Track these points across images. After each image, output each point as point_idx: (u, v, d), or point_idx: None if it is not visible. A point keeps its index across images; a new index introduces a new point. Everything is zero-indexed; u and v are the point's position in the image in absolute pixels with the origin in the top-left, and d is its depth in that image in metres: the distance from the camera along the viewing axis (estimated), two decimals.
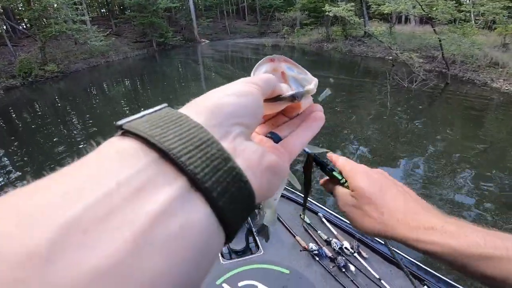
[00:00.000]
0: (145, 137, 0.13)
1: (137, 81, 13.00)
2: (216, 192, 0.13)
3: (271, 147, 0.22)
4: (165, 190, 0.12)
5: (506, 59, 9.81)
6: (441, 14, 9.73)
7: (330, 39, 19.29)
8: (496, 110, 7.48)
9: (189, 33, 26.39)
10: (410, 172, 4.41)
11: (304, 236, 1.76)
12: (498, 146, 5.42)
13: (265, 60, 0.32)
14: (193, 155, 0.13)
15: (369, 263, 1.54)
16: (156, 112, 0.16)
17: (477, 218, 3.40)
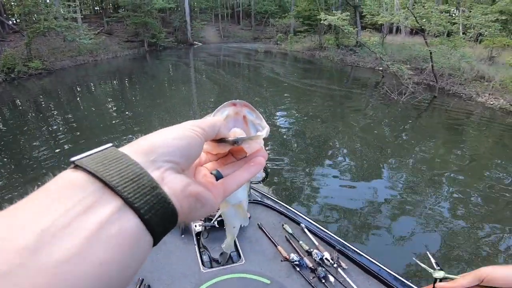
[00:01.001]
0: (92, 172, 0.19)
1: (125, 81, 12.84)
2: (143, 210, 0.19)
3: (207, 182, 0.28)
4: (107, 207, 0.18)
5: (492, 73, 10.24)
6: (434, 26, 10.11)
7: (323, 47, 19.69)
8: (480, 125, 7.80)
9: (182, 35, 26.35)
10: (394, 182, 4.53)
11: (286, 246, 1.78)
12: (478, 161, 5.64)
13: (228, 104, 0.35)
14: (128, 185, 0.19)
15: (348, 274, 1.57)
16: (103, 151, 0.22)
17: (455, 227, 3.52)
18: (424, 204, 3.98)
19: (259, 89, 10.27)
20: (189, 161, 0.25)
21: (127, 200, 0.19)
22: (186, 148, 0.25)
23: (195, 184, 0.25)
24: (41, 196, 0.18)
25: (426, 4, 9.93)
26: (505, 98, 8.93)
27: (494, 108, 8.74)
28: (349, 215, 3.69)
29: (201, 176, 0.29)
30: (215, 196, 0.28)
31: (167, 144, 0.24)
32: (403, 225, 3.56)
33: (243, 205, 0.40)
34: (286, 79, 12.09)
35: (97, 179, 0.19)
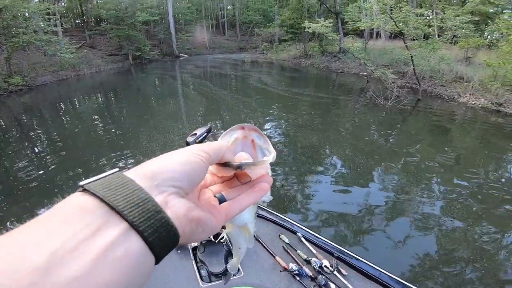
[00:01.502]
0: (100, 197, 0.21)
1: (110, 96, 12.65)
2: (147, 233, 0.21)
3: (210, 206, 0.30)
4: (113, 230, 0.20)
5: (470, 73, 10.72)
6: (412, 30, 10.53)
7: (308, 55, 20.15)
8: (464, 125, 8.10)
9: (167, 47, 26.40)
10: (386, 186, 4.61)
11: (284, 256, 1.78)
12: (465, 160, 5.85)
13: (236, 128, 0.36)
14: (133, 209, 0.21)
15: (349, 280, 1.57)
16: (110, 176, 0.23)
17: (445, 223, 3.60)
18: (417, 205, 4.06)
19: (247, 100, 10.30)
20: (192, 186, 0.27)
21: (133, 224, 0.20)
22: (190, 174, 0.26)
23: (197, 208, 0.26)
24: (51, 218, 0.19)
25: (404, 8, 10.34)
26: (485, 98, 9.34)
27: (476, 108, 9.11)
28: (345, 221, 3.72)
29: (205, 199, 0.31)
30: (217, 219, 0.29)
31: (171, 169, 0.25)
32: (398, 227, 3.61)
33: (248, 227, 0.41)
34: (274, 89, 12.21)
35: (104, 204, 0.21)
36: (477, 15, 12.74)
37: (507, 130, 7.47)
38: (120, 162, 5.53)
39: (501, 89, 9.20)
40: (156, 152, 5.40)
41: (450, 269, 2.97)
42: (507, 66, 9.18)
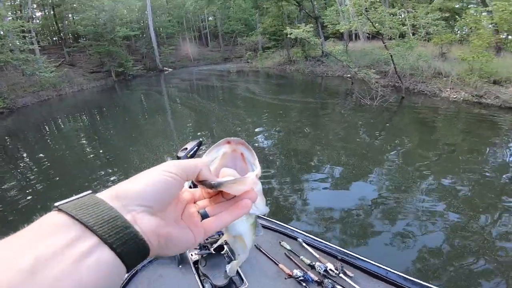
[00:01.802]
0: (73, 215, 0.24)
1: (96, 115, 12.40)
2: (115, 245, 0.24)
3: (190, 222, 0.33)
4: (86, 242, 0.23)
5: (447, 68, 11.14)
6: (389, 29, 10.91)
7: (292, 61, 20.50)
8: (449, 118, 8.37)
9: (150, 62, 26.30)
10: (380, 184, 4.68)
11: (287, 263, 1.76)
12: (455, 152, 6.04)
13: (222, 142, 0.37)
14: (103, 225, 0.24)
15: (356, 281, 1.57)
16: (83, 198, 0.27)
17: (444, 217, 3.66)
18: (414, 201, 4.11)
19: (236, 111, 10.29)
20: (162, 203, 0.30)
21: (102, 237, 0.24)
22: (157, 193, 0.29)
23: (167, 225, 0.30)
24: (30, 233, 0.23)
25: (379, 9, 10.70)
26: (465, 91, 9.71)
27: (458, 101, 9.45)
28: (345, 223, 3.73)
29: (188, 214, 0.34)
30: (195, 234, 0.33)
31: (138, 190, 0.28)
32: (399, 224, 3.64)
33: (243, 237, 0.42)
34: (262, 97, 12.29)
35: (77, 221, 0.24)
36: (446, 11, 13.33)
37: (491, 120, 7.77)
38: (110, 182, 5.40)
39: (479, 81, 9.59)
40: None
41: (455, 262, 3.00)
42: (481, 59, 9.62)
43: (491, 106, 8.71)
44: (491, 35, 10.21)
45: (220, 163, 0.38)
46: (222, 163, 0.38)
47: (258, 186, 0.36)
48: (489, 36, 10.01)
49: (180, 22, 30.76)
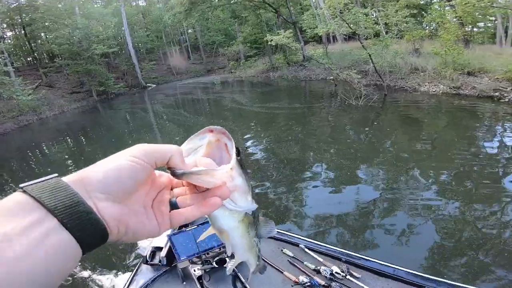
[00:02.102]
0: (36, 198, 0.25)
1: (81, 138, 12.10)
2: (75, 229, 0.25)
3: (157, 210, 0.33)
4: (47, 224, 0.24)
5: (423, 64, 11.58)
6: (364, 29, 11.27)
7: (275, 68, 20.79)
8: (430, 111, 8.68)
9: (132, 79, 25.97)
10: (375, 182, 4.77)
11: (292, 270, 1.76)
12: (438, 141, 6.25)
13: (205, 130, 0.36)
14: (65, 210, 0.25)
15: (364, 282, 1.57)
16: (48, 180, 0.27)
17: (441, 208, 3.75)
18: (409, 194, 4.20)
19: (225, 123, 10.23)
20: (126, 191, 0.30)
21: (62, 221, 0.25)
22: (120, 181, 0.29)
23: (129, 214, 0.30)
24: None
25: (352, 10, 11.08)
26: (443, 84, 10.11)
27: (438, 94, 9.82)
28: (344, 224, 3.76)
29: (159, 201, 0.34)
30: (160, 225, 0.32)
31: (102, 177, 0.29)
32: (398, 220, 3.68)
33: (229, 234, 0.39)
34: (249, 107, 12.34)
35: (40, 204, 0.25)
36: (413, 8, 13.90)
37: (471, 110, 8.10)
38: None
39: (454, 74, 10.02)
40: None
41: (459, 252, 3.03)
42: (453, 52, 10.08)
43: (469, 97, 9.08)
44: (457, 28, 10.73)
45: (205, 153, 0.36)
46: (208, 153, 0.36)
47: (237, 181, 0.34)
48: (456, 30, 10.52)
49: (159, 37, 30.67)
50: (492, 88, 8.83)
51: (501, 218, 3.50)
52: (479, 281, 2.66)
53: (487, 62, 9.95)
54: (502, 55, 10.65)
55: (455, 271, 2.84)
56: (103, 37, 22.01)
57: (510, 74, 8.78)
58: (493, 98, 8.51)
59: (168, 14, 22.75)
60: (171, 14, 21.75)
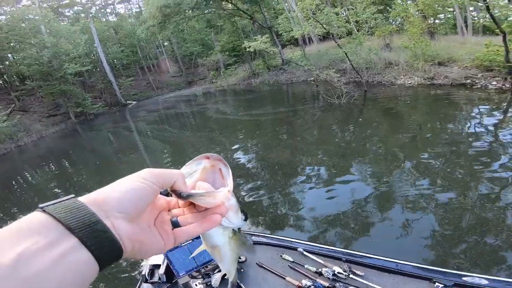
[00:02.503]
0: (57, 218, 0.26)
1: (64, 163, 11.69)
2: (94, 247, 0.27)
3: (161, 229, 0.35)
4: (67, 243, 0.26)
5: (395, 58, 12.08)
6: (337, 28, 11.61)
7: (256, 74, 20.99)
8: (409, 102, 9.04)
9: (111, 97, 25.42)
10: (363, 177, 4.89)
11: (294, 275, 1.76)
12: (421, 131, 6.50)
13: (202, 157, 0.40)
14: (84, 229, 0.27)
15: (368, 279, 1.58)
16: (66, 201, 0.29)
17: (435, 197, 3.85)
18: (402, 186, 4.30)
19: (211, 135, 10.19)
20: (138, 209, 0.32)
21: (82, 240, 0.26)
22: (134, 201, 0.32)
23: (142, 232, 0.32)
24: (16, 228, 0.25)
25: (325, 10, 11.40)
26: (417, 76, 10.55)
27: (414, 86, 10.24)
28: (341, 223, 3.80)
29: (161, 221, 0.36)
30: (165, 242, 0.35)
31: (117, 197, 0.31)
32: (394, 214, 3.74)
33: (220, 249, 0.44)
34: (234, 116, 12.35)
35: (59, 223, 0.26)
36: (379, 4, 14.44)
37: (447, 98, 8.49)
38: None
39: (426, 65, 10.49)
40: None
41: (460, 240, 3.08)
42: (420, 44, 10.56)
43: (443, 86, 9.52)
44: (421, 21, 11.28)
45: (200, 177, 0.40)
46: (202, 177, 0.40)
47: (232, 201, 0.38)
48: (420, 23, 11.06)
49: (134, 51, 30.29)
50: (463, 76, 9.30)
51: (496, 200, 3.58)
52: (485, 266, 2.69)
53: (454, 52, 10.52)
54: (466, 44, 11.28)
55: (459, 259, 2.86)
56: (74, 55, 21.33)
57: (477, 61, 9.29)
58: (466, 86, 8.96)
59: (141, 28, 22.57)
60: (144, 28, 21.60)
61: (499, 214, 3.30)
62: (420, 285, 1.50)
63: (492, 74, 8.77)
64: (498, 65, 8.57)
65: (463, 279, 1.43)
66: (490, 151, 4.89)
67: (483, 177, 4.12)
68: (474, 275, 1.44)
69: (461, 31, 15.50)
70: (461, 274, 1.47)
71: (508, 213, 3.28)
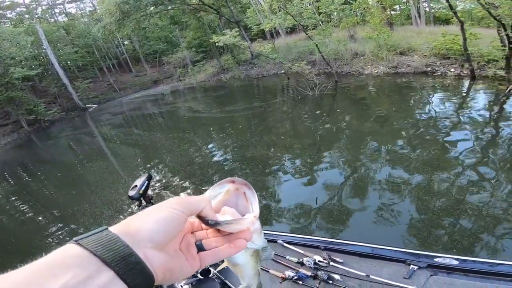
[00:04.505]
0: (92, 251, 0.28)
1: (24, 177, 10.72)
2: (129, 279, 0.28)
3: (187, 253, 0.37)
4: (104, 276, 0.27)
5: (360, 48, 12.67)
6: (307, 20, 11.87)
7: (225, 69, 20.81)
8: (377, 90, 9.56)
9: (67, 101, 23.84)
10: (338, 166, 5.11)
11: (276, 267, 1.80)
12: (392, 117, 6.93)
13: (227, 181, 0.42)
14: (119, 262, 0.28)
15: (348, 265, 1.66)
16: (99, 233, 0.30)
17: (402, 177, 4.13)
18: (376, 172, 4.55)
19: (184, 136, 9.92)
20: (169, 238, 0.34)
21: (118, 273, 0.28)
22: (166, 230, 0.33)
23: (172, 260, 0.34)
24: (51, 263, 0.26)
25: (294, 1, 11.55)
26: (382, 65, 11.17)
27: (380, 75, 10.82)
28: (319, 212, 3.93)
29: (186, 245, 0.37)
30: (191, 265, 0.36)
31: (149, 228, 0.32)
32: (368, 200, 3.94)
33: (242, 268, 0.46)
34: (207, 114, 12.14)
35: (96, 256, 0.28)
36: None
37: (411, 85, 9.11)
38: (67, 236, 4.93)
39: (389, 55, 11.12)
40: (115, 223, 4.88)
41: (436, 222, 3.27)
42: (383, 35, 11.18)
43: (407, 74, 10.17)
44: (381, 12, 11.92)
45: (222, 199, 0.42)
46: (225, 199, 0.42)
47: (257, 224, 0.40)
48: (380, 14, 11.69)
49: (90, 52, 28.60)
50: (424, 64, 10.00)
51: (465, 181, 3.84)
52: (457, 248, 2.89)
53: (412, 42, 11.28)
54: (421, 34, 12.13)
55: (432, 240, 3.05)
56: (20, 59, 19.78)
57: (435, 50, 10.03)
58: (427, 73, 9.66)
59: (96, 26, 21.29)
60: (100, 26, 20.40)
61: (468, 197, 3.55)
62: (396, 267, 1.59)
63: (449, 61, 9.54)
64: (454, 53, 9.33)
65: (435, 260, 1.53)
66: (454, 133, 5.37)
67: (448, 159, 4.48)
68: (445, 256, 1.54)
69: (415, 22, 16.56)
70: (433, 255, 1.57)
71: (473, 194, 3.56)
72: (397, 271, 1.57)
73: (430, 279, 1.46)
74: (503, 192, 3.49)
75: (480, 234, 3.02)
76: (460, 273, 1.45)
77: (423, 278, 1.47)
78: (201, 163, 6.82)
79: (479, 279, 1.40)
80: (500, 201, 3.35)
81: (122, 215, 5.16)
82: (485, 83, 7.77)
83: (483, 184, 3.75)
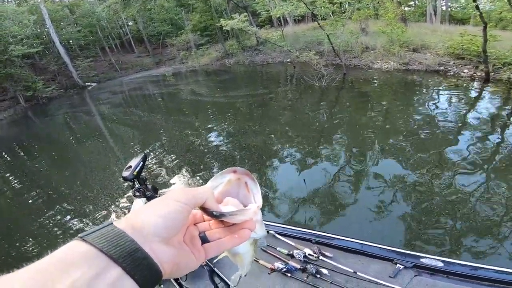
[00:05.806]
0: (99, 248, 0.28)
1: (19, 154, 10.74)
2: (137, 275, 0.29)
3: (191, 245, 0.38)
4: (112, 273, 0.27)
5: (371, 42, 12.49)
6: (320, 9, 11.68)
7: (229, 54, 20.60)
8: (386, 86, 9.49)
9: (67, 79, 23.78)
10: (338, 158, 5.14)
11: (266, 258, 1.84)
12: (397, 113, 6.96)
13: (228, 171, 0.42)
14: (126, 258, 0.28)
15: (336, 260, 1.70)
16: (104, 228, 0.31)
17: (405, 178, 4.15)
18: (374, 167, 4.59)
19: (185, 119, 9.92)
20: (174, 231, 0.34)
21: (126, 269, 0.28)
22: (170, 224, 0.34)
23: (178, 254, 0.34)
24: (58, 261, 0.26)
25: None
26: (393, 61, 11.02)
27: (390, 71, 10.69)
28: (314, 204, 3.98)
29: (189, 237, 0.38)
30: (196, 257, 0.37)
31: (154, 223, 0.33)
32: (364, 195, 3.98)
33: (242, 256, 0.48)
34: (209, 98, 12.05)
35: (102, 253, 0.28)
36: None
37: (423, 83, 9.08)
38: (63, 220, 4.99)
39: (401, 51, 10.96)
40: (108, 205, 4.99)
41: (424, 224, 3.31)
42: (397, 30, 10.99)
43: (418, 71, 10.05)
44: (396, 7, 11.70)
45: (224, 189, 0.42)
46: (226, 189, 0.43)
47: (259, 215, 0.41)
48: (395, 9, 11.48)
49: (93, 31, 28.32)
50: (437, 63, 9.87)
51: (464, 183, 3.86)
52: (449, 247, 2.93)
53: (426, 39, 11.06)
54: (436, 31, 11.90)
55: (421, 241, 3.09)
56: (22, 37, 19.74)
57: (450, 49, 9.87)
58: (439, 72, 9.53)
59: (101, 6, 20.92)
60: (105, 6, 20.06)
61: (464, 198, 3.59)
62: (383, 265, 1.64)
63: (463, 62, 9.40)
64: (469, 53, 9.19)
65: (420, 260, 1.58)
66: (458, 136, 5.34)
67: (451, 161, 4.49)
68: (431, 257, 1.59)
69: (430, 19, 16.26)
70: (420, 255, 1.62)
71: (472, 198, 3.59)
72: (384, 269, 1.62)
73: (414, 279, 1.51)
74: (496, 198, 3.53)
75: (469, 236, 3.06)
76: (443, 275, 1.50)
77: (407, 278, 1.52)
78: (199, 147, 6.88)
79: (460, 282, 1.44)
80: (492, 206, 3.39)
81: (116, 195, 5.25)
82: (498, 87, 7.67)
83: (478, 188, 3.77)
